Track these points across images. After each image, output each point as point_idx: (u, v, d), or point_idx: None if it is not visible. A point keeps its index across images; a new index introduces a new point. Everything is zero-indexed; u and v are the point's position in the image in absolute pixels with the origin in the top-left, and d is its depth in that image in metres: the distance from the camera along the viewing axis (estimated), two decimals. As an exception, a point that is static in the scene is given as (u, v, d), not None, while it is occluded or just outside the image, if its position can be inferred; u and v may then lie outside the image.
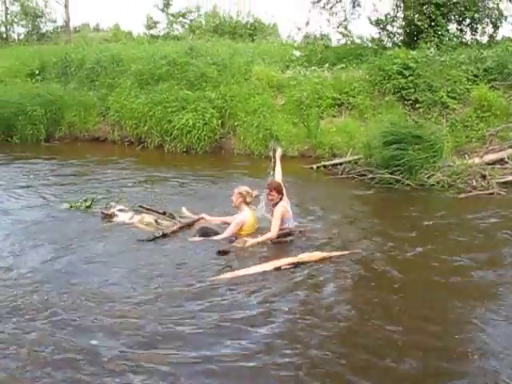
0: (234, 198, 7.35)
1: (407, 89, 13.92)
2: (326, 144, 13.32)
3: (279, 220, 6.89)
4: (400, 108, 13.77)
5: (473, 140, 12.66)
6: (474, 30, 17.07)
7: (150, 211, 8.13)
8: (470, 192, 10.25)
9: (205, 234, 7.27)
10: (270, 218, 7.24)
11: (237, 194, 7.32)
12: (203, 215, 7.83)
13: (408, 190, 10.47)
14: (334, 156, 12.95)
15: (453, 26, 16.94)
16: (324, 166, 12.40)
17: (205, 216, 7.80)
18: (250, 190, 7.34)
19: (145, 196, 9.70)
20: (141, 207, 8.29)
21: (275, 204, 7.12)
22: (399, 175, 10.76)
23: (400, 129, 11.18)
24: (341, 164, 12.21)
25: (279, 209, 6.96)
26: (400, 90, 14.00)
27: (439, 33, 15.89)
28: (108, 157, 14.07)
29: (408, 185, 10.62)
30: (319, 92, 14.56)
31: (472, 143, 12.60)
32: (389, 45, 17.28)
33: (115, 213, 8.01)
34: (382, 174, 10.96)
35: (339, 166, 12.15)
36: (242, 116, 14.50)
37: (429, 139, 11.13)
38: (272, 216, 7.08)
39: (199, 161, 13.42)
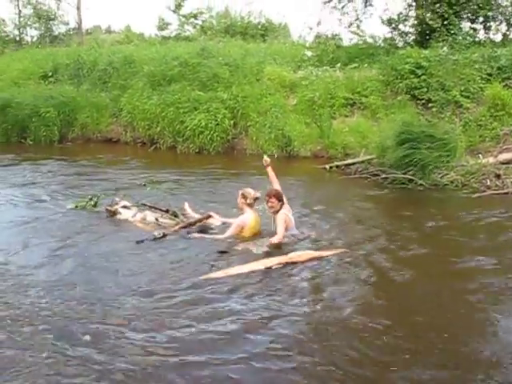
0: (238, 200, 7.37)
1: (420, 88, 13.85)
2: (339, 144, 13.30)
3: (283, 224, 6.85)
4: (413, 108, 13.71)
5: (487, 139, 12.59)
6: (488, 29, 16.94)
7: (154, 209, 8.16)
8: (485, 192, 10.16)
9: (203, 231, 7.36)
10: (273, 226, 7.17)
11: (240, 196, 7.34)
12: (211, 213, 7.75)
13: (421, 190, 10.37)
14: (347, 156, 12.91)
15: (466, 25, 16.83)
16: (337, 166, 12.33)
17: (213, 214, 7.74)
18: (253, 192, 7.31)
19: (154, 195, 9.72)
20: (144, 205, 8.32)
21: (276, 211, 7.09)
22: (412, 175, 10.70)
23: (413, 128, 11.11)
24: (354, 164, 12.15)
25: (281, 215, 6.95)
26: (412, 90, 13.94)
27: (452, 31, 15.76)
28: (120, 158, 14.15)
29: (421, 185, 10.52)
30: (331, 92, 14.53)
31: (486, 142, 12.53)
32: (401, 44, 17.20)
33: (118, 210, 8.06)
34: (395, 174, 10.90)
35: (352, 166, 12.09)
36: (255, 116, 14.51)
37: (442, 138, 11.04)
38: (274, 223, 7.02)
39: (211, 161, 13.39)
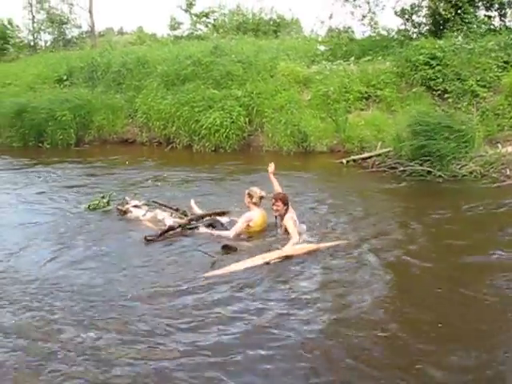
0: (244, 199, 7.43)
1: (435, 79, 13.75)
2: (355, 138, 13.23)
3: (295, 227, 6.89)
4: (428, 99, 13.62)
5: (505, 128, 12.46)
6: (503, 16, 16.67)
7: (164, 207, 8.23)
8: (504, 181, 10.06)
9: (211, 225, 7.42)
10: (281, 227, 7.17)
11: (246, 195, 7.40)
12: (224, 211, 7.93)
13: (440, 182, 10.30)
14: (364, 150, 12.83)
15: (480, 13, 16.59)
16: (354, 161, 12.29)
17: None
18: (259, 191, 7.36)
19: (167, 193, 9.87)
20: (155, 202, 8.42)
21: (281, 215, 7.10)
22: (430, 167, 10.61)
23: (429, 119, 11.01)
24: (370, 157, 12.09)
25: (290, 219, 6.96)
26: (428, 81, 13.84)
27: (466, 20, 15.59)
28: (136, 158, 14.19)
29: (440, 176, 10.44)
30: (346, 86, 14.46)
31: (504, 131, 12.39)
32: (415, 35, 17.03)
33: (129, 209, 8.17)
34: (413, 167, 10.82)
35: (369, 160, 12.03)
36: (270, 113, 14.49)
37: (459, 129, 10.94)
38: (286, 229, 6.98)
39: (228, 159, 13.40)
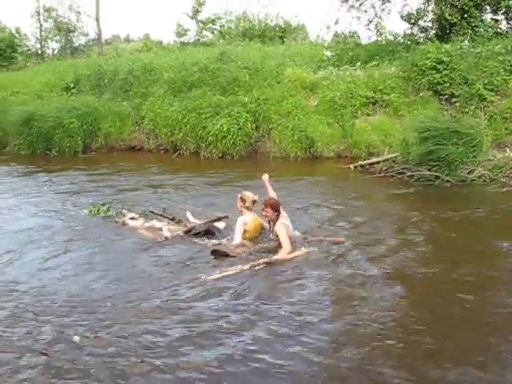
0: (237, 203, 7.42)
1: (442, 83, 13.69)
2: (362, 143, 13.21)
3: (285, 234, 6.81)
4: (435, 103, 13.58)
5: (513, 132, 12.39)
6: (510, 19, 16.59)
7: (160, 216, 8.29)
8: (514, 186, 10.00)
9: (208, 232, 7.43)
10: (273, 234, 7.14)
11: (238, 199, 7.39)
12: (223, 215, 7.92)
13: (448, 187, 10.26)
14: (371, 155, 12.81)
15: (487, 16, 16.54)
16: (361, 166, 12.28)
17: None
18: (252, 196, 7.34)
19: (169, 201, 9.90)
20: (152, 212, 8.46)
21: (272, 221, 7.07)
22: (438, 171, 10.57)
23: (437, 124, 10.97)
24: (378, 163, 12.06)
25: (281, 227, 6.89)
26: (435, 85, 13.78)
27: (473, 24, 15.55)
28: (144, 165, 14.22)
29: (448, 181, 10.41)
30: (352, 91, 14.43)
31: (512, 135, 12.33)
32: (421, 40, 16.99)
33: (126, 221, 8.24)
34: (421, 172, 10.78)
35: (376, 165, 12.00)
36: (276, 119, 14.48)
37: (467, 133, 10.89)
38: (276, 235, 6.93)
39: (235, 165, 13.40)
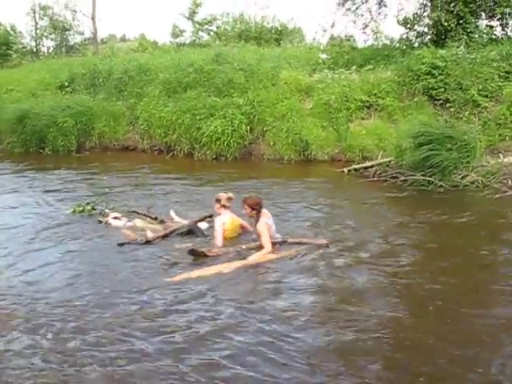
0: (214, 206, 7.44)
1: (437, 88, 13.75)
2: (356, 147, 13.23)
3: (267, 234, 6.83)
4: (430, 108, 13.65)
5: (506, 138, 12.49)
6: (505, 26, 16.70)
7: (143, 216, 8.39)
8: (506, 192, 9.98)
9: (191, 232, 7.46)
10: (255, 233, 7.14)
11: (214, 201, 7.41)
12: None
13: (441, 192, 10.24)
14: (365, 159, 12.83)
15: (482, 23, 16.64)
16: (355, 170, 12.26)
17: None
18: (225, 194, 7.38)
19: (157, 201, 9.88)
20: (135, 212, 8.56)
21: (253, 218, 7.08)
22: (432, 176, 10.59)
23: (432, 129, 10.99)
24: (372, 167, 12.06)
25: (262, 225, 6.89)
26: (429, 90, 13.84)
27: (468, 30, 15.63)
28: (136, 165, 14.15)
29: (441, 186, 10.41)
30: (347, 94, 14.45)
31: (506, 141, 12.41)
32: (417, 44, 17.05)
33: (109, 221, 8.28)
34: (414, 176, 10.79)
35: (370, 169, 11.99)
36: (271, 121, 14.47)
37: (461, 139, 10.91)
38: (258, 234, 6.96)
39: (228, 167, 13.38)
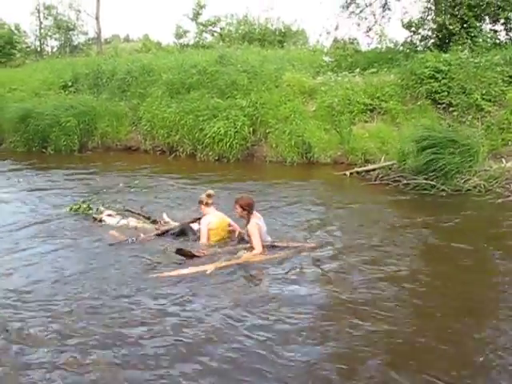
0: (199, 208, 7.48)
1: (440, 92, 13.73)
2: (359, 150, 13.21)
3: (257, 235, 6.81)
4: (433, 112, 13.62)
5: (509, 143, 12.46)
6: (509, 30, 16.65)
7: (137, 215, 8.46)
8: (509, 196, 9.97)
9: (182, 232, 7.47)
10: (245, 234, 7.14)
11: (198, 204, 7.45)
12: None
13: (444, 196, 10.22)
14: (367, 162, 12.81)
15: (486, 27, 16.62)
16: (357, 173, 12.25)
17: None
18: (205, 193, 7.40)
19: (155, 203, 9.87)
20: (128, 211, 8.62)
21: (244, 218, 7.08)
22: (434, 180, 10.56)
23: (435, 133, 10.98)
24: (374, 170, 12.04)
25: (253, 226, 6.88)
26: (433, 94, 13.82)
27: (472, 34, 15.60)
28: (138, 166, 14.16)
29: (443, 190, 10.39)
30: (350, 97, 14.43)
31: (509, 146, 12.38)
32: (420, 48, 17.03)
33: (103, 218, 8.38)
34: (417, 180, 10.77)
35: (372, 172, 11.97)
36: (274, 123, 14.45)
37: (464, 143, 10.89)
38: (248, 235, 6.94)
39: (231, 169, 13.41)
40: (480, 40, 15.55)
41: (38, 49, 33.13)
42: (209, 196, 7.34)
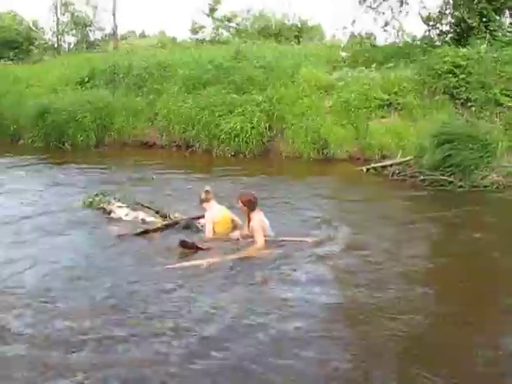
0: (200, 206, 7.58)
1: (458, 87, 13.56)
2: (376, 145, 13.12)
3: (260, 231, 6.84)
4: (451, 107, 13.44)
5: (529, 139, 12.25)
6: (529, 24, 16.46)
7: (147, 208, 8.52)
8: (528, 193, 9.87)
9: (188, 226, 7.58)
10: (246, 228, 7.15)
11: (200, 204, 7.56)
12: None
13: (461, 192, 10.12)
14: (384, 157, 12.73)
15: (506, 20, 16.41)
16: (374, 168, 12.17)
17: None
18: (204, 190, 7.49)
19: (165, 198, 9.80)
20: (138, 204, 8.70)
21: (246, 215, 7.07)
22: (451, 176, 10.47)
23: (453, 129, 10.87)
24: (391, 166, 11.94)
25: (256, 221, 6.91)
26: (451, 89, 13.66)
27: (491, 28, 15.41)
28: (154, 161, 14.19)
29: (461, 186, 10.29)
30: (367, 93, 14.32)
31: (528, 142, 12.18)
32: (438, 43, 16.87)
33: (113, 209, 8.49)
34: (434, 176, 10.68)
35: (389, 168, 11.87)
36: (290, 118, 14.39)
37: (482, 139, 10.77)
38: (252, 230, 6.94)
39: (247, 164, 13.38)
40: (499, 34, 15.32)
41: (56, 45, 33.33)
42: (207, 192, 7.45)
